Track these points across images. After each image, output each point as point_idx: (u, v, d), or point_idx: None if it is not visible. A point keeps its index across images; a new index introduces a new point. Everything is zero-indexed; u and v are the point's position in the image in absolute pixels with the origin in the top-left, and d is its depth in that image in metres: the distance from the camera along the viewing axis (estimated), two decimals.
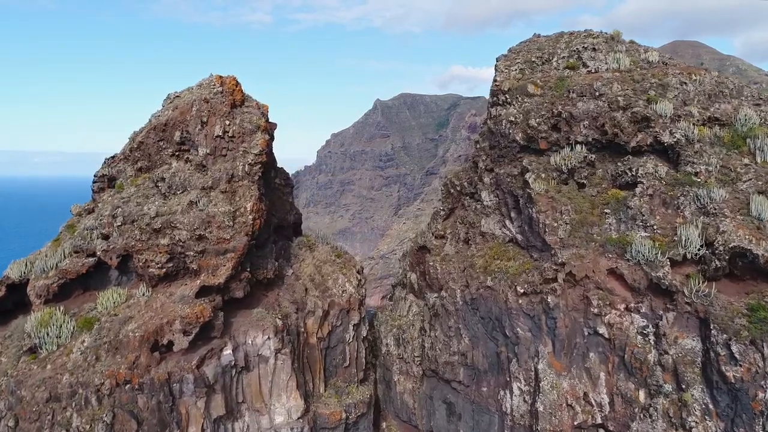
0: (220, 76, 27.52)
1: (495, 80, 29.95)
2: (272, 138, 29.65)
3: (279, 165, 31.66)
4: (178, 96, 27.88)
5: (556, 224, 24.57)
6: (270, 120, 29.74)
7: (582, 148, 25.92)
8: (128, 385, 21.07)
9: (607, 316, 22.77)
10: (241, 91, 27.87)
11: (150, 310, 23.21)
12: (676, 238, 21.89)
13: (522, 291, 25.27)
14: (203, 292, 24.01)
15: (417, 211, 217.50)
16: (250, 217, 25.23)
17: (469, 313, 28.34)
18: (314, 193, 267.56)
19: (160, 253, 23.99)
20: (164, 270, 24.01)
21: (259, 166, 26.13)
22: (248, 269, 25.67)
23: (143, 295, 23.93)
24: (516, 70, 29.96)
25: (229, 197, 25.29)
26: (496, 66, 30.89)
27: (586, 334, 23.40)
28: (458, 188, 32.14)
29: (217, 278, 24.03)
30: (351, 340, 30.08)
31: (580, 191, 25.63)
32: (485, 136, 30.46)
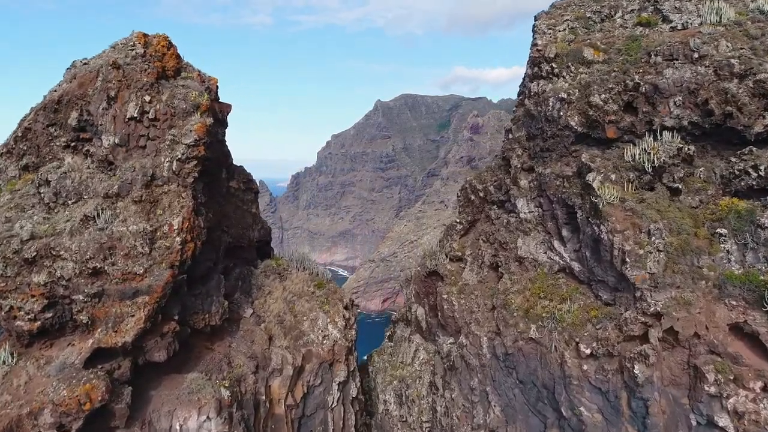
0: (144, 35, 18.56)
1: (535, 45, 20.96)
2: (223, 124, 20.69)
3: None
4: (86, 63, 18.95)
5: (641, 251, 15.57)
6: (221, 100, 20.80)
7: (673, 136, 16.93)
8: None
9: (731, 399, 13.85)
10: (176, 56, 18.93)
11: (7, 391, 14.28)
12: None
13: (588, 352, 16.30)
14: (99, 357, 15.14)
15: (418, 213, 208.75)
16: (178, 239, 16.30)
17: (501, 372, 19.37)
18: (314, 194, 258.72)
19: (33, 296, 15.06)
20: (38, 323, 15.06)
21: (195, 162, 17.19)
22: (176, 316, 16.73)
23: (3, 363, 14.99)
24: (564, 29, 20.98)
25: (147, 210, 16.36)
26: (535, 27, 21.92)
27: (696, 424, 14.48)
28: (481, 194, 23.15)
29: (121, 336, 15.11)
30: (335, 404, 21.14)
31: (674, 200, 16.64)
32: (521, 122, 21.47)
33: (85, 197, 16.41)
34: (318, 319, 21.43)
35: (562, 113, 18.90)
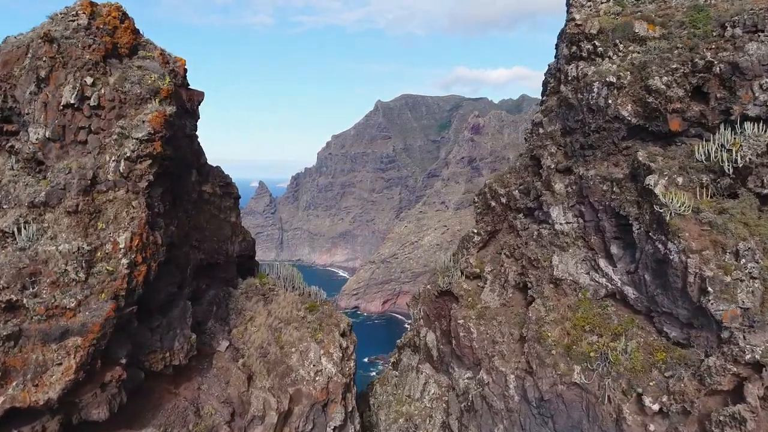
0: (92, 3, 14.65)
1: (572, 19, 17.08)
2: (192, 116, 16.84)
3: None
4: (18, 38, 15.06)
5: (727, 278, 11.72)
6: (190, 86, 16.96)
7: (760, 129, 13.09)
8: None
9: None
10: (132, 30, 15.03)
11: None
12: None
13: (656, 408, 12.47)
14: (16, 418, 11.30)
15: (419, 214, 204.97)
16: (125, 260, 12.44)
17: (533, 419, 15.52)
18: (314, 195, 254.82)
19: None
20: None
21: (150, 162, 13.31)
22: (123, 359, 12.85)
23: None
24: (607, 0, 17.10)
25: (84, 223, 12.50)
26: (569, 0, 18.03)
27: None
28: (504, 200, 19.30)
29: (43, 391, 11.26)
30: None
31: (764, 211, 12.78)
32: (553, 114, 17.61)
33: (4, 207, 12.55)
34: (309, 350, 17.57)
35: (610, 101, 15.04)
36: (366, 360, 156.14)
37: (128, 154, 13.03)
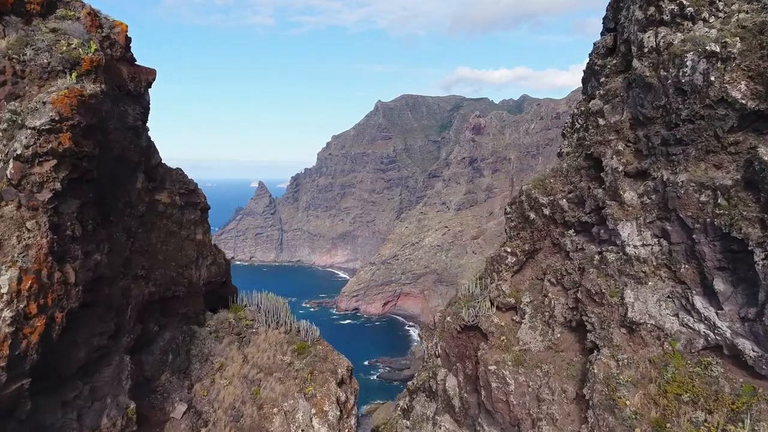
0: None
1: None
2: (138, 101, 12.41)
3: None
4: None
5: None
6: (138, 63, 12.52)
7: None
8: None
9: None
10: None
11: None
12: None
13: None
14: None
15: (419, 214, 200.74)
16: (7, 313, 8.04)
17: None
18: (314, 196, 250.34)
19: None
20: None
21: (54, 163, 8.91)
22: None
23: None
24: None
25: None
26: None
27: None
28: (547, 211, 14.86)
29: None
30: None
31: None
32: (619, 99, 13.17)
33: None
34: (296, 410, 13.16)
35: (713, 78, 10.59)
36: (366, 363, 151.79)
37: (20, 151, 8.62)
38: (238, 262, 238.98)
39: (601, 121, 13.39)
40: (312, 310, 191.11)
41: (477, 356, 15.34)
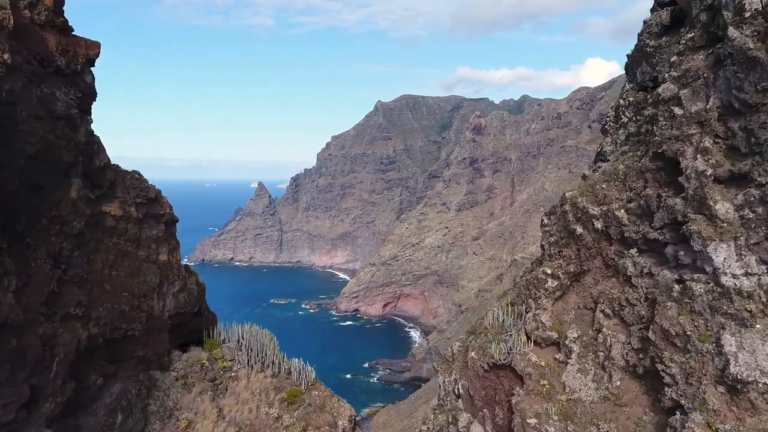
0: None
1: None
2: (71, 82, 9.29)
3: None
4: None
5: None
6: (75, 33, 9.40)
7: None
8: None
9: None
10: None
11: None
12: None
13: None
14: None
15: (420, 215, 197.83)
16: None
17: None
18: (314, 196, 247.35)
19: None
20: None
21: None
22: None
23: None
24: None
25: None
26: None
27: None
28: (599, 226, 11.76)
29: None
30: None
31: None
32: (701, 83, 10.08)
33: None
34: None
35: None
36: (366, 365, 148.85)
37: None
38: (237, 263, 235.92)
39: (677, 111, 10.29)
40: (312, 311, 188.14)
41: (510, 403, 12.28)
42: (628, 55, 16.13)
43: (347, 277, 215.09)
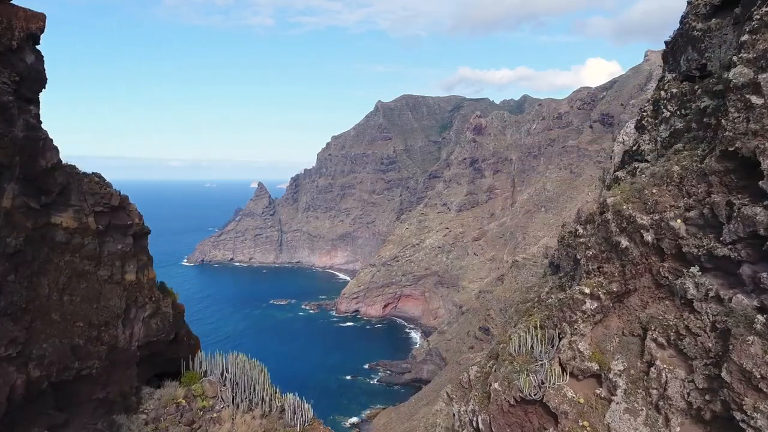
0: None
1: None
2: (7, 59, 7.35)
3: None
4: None
5: None
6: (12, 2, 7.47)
7: None
8: None
9: None
10: None
11: None
12: None
13: None
14: None
15: (420, 215, 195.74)
16: None
17: None
18: (314, 196, 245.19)
19: None
20: None
21: None
22: None
23: None
24: None
25: None
26: None
27: None
28: (650, 237, 9.85)
29: None
30: None
31: None
32: None
33: None
34: None
35: None
36: (366, 366, 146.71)
37: None
38: (237, 264, 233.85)
39: (755, 100, 8.39)
40: (311, 312, 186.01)
41: None
42: (666, 42, 14.25)
43: (347, 278, 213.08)
